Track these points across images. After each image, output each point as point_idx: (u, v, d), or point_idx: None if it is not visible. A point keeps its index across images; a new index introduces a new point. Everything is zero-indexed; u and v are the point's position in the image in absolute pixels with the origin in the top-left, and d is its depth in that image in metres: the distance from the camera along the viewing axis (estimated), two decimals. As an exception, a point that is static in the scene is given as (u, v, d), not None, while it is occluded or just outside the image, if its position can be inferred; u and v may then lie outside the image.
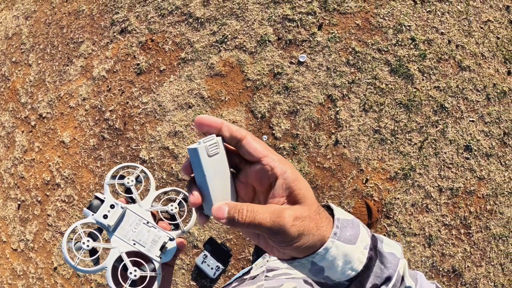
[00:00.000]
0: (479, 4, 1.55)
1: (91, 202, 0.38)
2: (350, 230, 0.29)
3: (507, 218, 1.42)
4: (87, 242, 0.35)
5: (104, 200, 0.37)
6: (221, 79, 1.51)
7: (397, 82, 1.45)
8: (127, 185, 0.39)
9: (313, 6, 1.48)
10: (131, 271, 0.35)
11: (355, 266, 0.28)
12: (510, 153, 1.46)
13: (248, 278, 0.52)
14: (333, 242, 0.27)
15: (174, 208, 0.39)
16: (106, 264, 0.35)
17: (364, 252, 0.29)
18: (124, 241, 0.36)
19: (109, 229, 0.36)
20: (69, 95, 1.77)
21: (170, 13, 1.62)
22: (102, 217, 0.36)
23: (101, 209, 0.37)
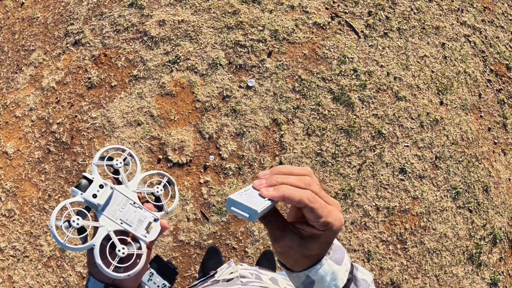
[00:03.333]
0: (417, 40, 1.76)
1: (79, 181, 0.39)
2: (339, 254, 0.36)
3: (440, 234, 1.60)
4: (77, 220, 0.36)
5: (93, 180, 0.38)
6: (172, 99, 1.59)
7: (338, 109, 1.60)
8: (116, 166, 0.40)
9: (264, 34, 1.61)
10: (119, 248, 0.37)
11: (338, 284, 0.35)
12: (441, 175, 1.65)
13: (222, 280, 0.55)
14: (326, 260, 0.34)
15: (159, 190, 0.41)
16: (94, 242, 0.37)
17: (346, 274, 0.36)
18: (112, 220, 0.38)
19: (98, 208, 0.38)
20: (15, 104, 1.77)
21: (126, 29, 1.68)
22: (92, 196, 0.38)
23: (90, 188, 0.38)
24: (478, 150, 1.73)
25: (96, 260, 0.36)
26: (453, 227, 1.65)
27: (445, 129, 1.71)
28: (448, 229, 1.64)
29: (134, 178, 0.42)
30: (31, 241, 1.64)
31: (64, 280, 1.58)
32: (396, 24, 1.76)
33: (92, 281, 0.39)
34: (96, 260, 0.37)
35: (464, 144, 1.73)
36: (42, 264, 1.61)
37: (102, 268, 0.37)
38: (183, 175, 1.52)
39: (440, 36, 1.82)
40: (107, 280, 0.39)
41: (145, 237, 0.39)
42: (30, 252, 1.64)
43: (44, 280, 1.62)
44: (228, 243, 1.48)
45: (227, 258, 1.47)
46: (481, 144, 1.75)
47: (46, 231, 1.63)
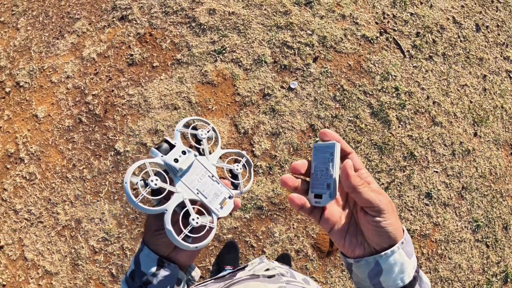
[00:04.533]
0: (460, 68, 1.77)
1: (160, 144, 0.38)
2: (410, 247, 0.36)
3: (455, 264, 1.60)
4: (155, 181, 0.35)
5: (174, 145, 0.38)
6: (212, 88, 1.59)
7: (375, 125, 1.60)
8: (200, 136, 0.40)
9: (312, 39, 1.62)
10: (193, 217, 0.36)
11: (404, 278, 0.34)
12: (465, 206, 1.65)
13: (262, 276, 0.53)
14: (399, 248, 0.34)
15: (239, 169, 0.41)
16: (168, 206, 0.35)
17: (413, 271, 0.35)
18: (189, 188, 0.37)
19: (177, 173, 0.37)
20: (53, 69, 1.77)
21: (175, 12, 1.69)
22: (173, 160, 0.37)
23: (172, 152, 0.37)
24: (504, 187, 1.73)
25: (166, 226, 0.35)
26: (469, 259, 1.64)
27: (475, 161, 1.71)
28: (463, 260, 1.63)
29: (215, 152, 0.41)
30: (48, 208, 1.65)
31: (76, 252, 1.58)
32: (442, 49, 1.76)
33: (146, 252, 0.38)
34: (166, 226, 0.35)
35: (492, 178, 1.72)
36: (55, 232, 1.61)
37: (171, 235, 0.35)
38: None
39: (483, 67, 1.82)
40: (162, 252, 0.38)
41: (218, 212, 0.38)
42: (45, 218, 1.64)
43: (55, 248, 1.62)
44: (247, 240, 1.48)
45: (243, 256, 1.47)
46: (508, 181, 1.75)
47: (65, 199, 1.63)
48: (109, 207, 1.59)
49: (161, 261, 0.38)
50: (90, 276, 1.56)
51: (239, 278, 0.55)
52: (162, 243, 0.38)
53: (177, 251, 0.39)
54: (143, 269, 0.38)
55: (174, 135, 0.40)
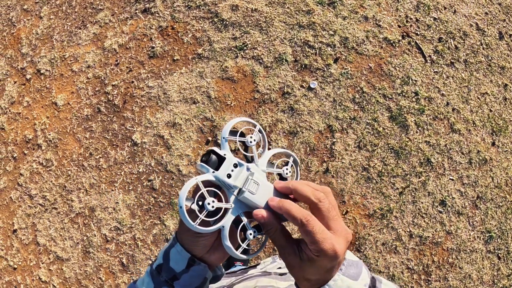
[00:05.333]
0: (481, 76, 1.75)
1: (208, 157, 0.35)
2: (353, 269, 0.35)
3: (465, 274, 1.58)
4: (212, 203, 0.33)
5: (225, 157, 0.35)
6: (232, 84, 1.60)
7: (393, 129, 1.60)
8: (249, 144, 0.37)
9: (334, 40, 1.62)
10: (251, 232, 0.35)
11: None
12: (479, 216, 1.63)
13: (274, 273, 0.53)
14: (339, 276, 0.34)
15: (288, 172, 0.38)
16: (225, 223, 0.34)
17: None
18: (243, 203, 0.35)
19: (233, 190, 0.35)
20: (74, 58, 1.80)
21: (198, 7, 1.70)
22: (226, 176, 0.34)
23: (224, 167, 0.34)
24: (520, 199, 1.71)
25: (225, 242, 0.35)
26: (479, 270, 1.63)
27: (491, 171, 1.69)
28: (474, 271, 1.62)
29: (263, 156, 0.38)
30: (63, 194, 1.67)
31: (88, 239, 1.60)
32: (464, 55, 1.75)
33: (179, 249, 0.38)
34: (225, 242, 0.35)
35: (507, 189, 1.70)
36: (69, 219, 1.64)
37: (230, 250, 0.35)
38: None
39: (504, 76, 1.80)
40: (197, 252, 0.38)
41: None
42: (60, 205, 1.66)
43: (67, 234, 1.64)
44: (259, 238, 1.48)
45: (255, 252, 1.48)
46: (524, 193, 1.73)
47: (80, 187, 1.66)
48: (123, 197, 1.61)
49: (192, 260, 0.37)
50: (101, 264, 1.58)
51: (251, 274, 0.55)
52: (200, 245, 0.37)
53: (210, 253, 0.38)
54: (171, 265, 0.38)
55: (221, 144, 0.37)
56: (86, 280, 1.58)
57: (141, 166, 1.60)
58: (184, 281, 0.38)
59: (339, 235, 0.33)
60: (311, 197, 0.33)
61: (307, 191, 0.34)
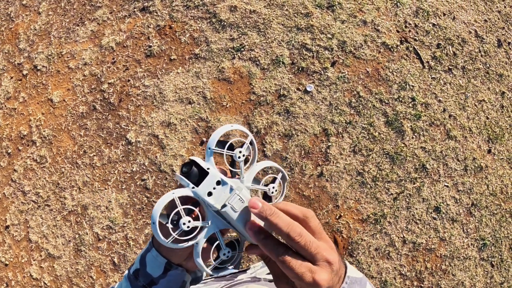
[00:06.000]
0: (479, 83, 1.75)
1: (190, 169, 0.32)
2: (357, 287, 0.34)
3: (458, 281, 1.58)
4: (188, 223, 0.31)
5: (208, 171, 0.32)
6: (228, 85, 1.60)
7: (389, 134, 1.60)
8: (237, 159, 0.34)
9: (332, 43, 1.61)
10: (224, 252, 0.34)
11: None
12: (473, 223, 1.63)
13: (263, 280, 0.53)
14: None
15: (274, 191, 0.36)
16: (199, 241, 0.33)
17: None
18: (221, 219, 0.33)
19: (212, 209, 0.33)
20: (71, 55, 1.79)
21: (196, 7, 1.70)
22: (206, 194, 0.32)
23: (206, 183, 0.31)
24: (515, 207, 1.71)
25: (197, 259, 0.33)
26: (472, 277, 1.62)
27: (487, 178, 1.69)
28: (467, 278, 1.62)
29: (250, 171, 0.35)
30: (56, 192, 1.66)
31: (80, 237, 1.60)
32: (462, 62, 1.75)
33: (154, 254, 0.37)
34: (196, 259, 0.33)
35: (502, 197, 1.70)
36: (61, 217, 1.63)
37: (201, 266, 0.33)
38: (222, 163, 1.53)
39: (502, 84, 1.80)
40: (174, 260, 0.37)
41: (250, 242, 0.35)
42: (53, 202, 1.66)
43: (59, 232, 1.64)
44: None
45: (245, 256, 1.48)
46: (519, 201, 1.73)
47: (73, 185, 1.65)
48: (116, 196, 1.61)
49: (169, 265, 0.37)
50: (92, 263, 1.57)
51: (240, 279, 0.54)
52: (177, 255, 0.37)
53: (188, 260, 0.38)
54: (148, 271, 0.37)
55: (206, 155, 0.34)
56: (77, 279, 1.58)
57: (135, 165, 1.60)
58: (162, 285, 0.37)
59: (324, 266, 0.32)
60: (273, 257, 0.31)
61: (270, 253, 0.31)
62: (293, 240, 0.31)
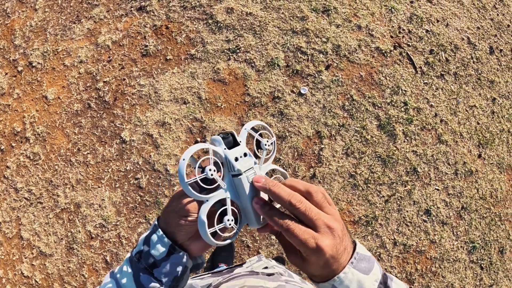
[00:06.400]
0: (470, 89, 1.78)
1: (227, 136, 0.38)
2: (365, 264, 0.36)
3: (447, 283, 1.60)
4: (212, 171, 0.35)
5: (240, 143, 0.38)
6: (223, 86, 1.61)
7: (381, 137, 1.62)
8: (264, 146, 0.40)
9: (327, 47, 1.64)
10: (228, 218, 0.36)
11: None
12: (463, 226, 1.66)
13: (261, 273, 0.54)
14: (349, 269, 0.35)
15: None
16: (210, 198, 0.36)
17: (375, 284, 0.35)
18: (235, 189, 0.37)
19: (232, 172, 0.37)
20: (66, 52, 1.80)
21: (193, 8, 1.71)
22: (234, 158, 0.37)
23: (236, 149, 0.37)
24: (503, 211, 1.74)
25: (201, 216, 0.35)
26: (462, 279, 1.65)
27: (477, 182, 1.72)
28: (456, 280, 1.64)
29: (266, 164, 0.41)
30: (49, 189, 1.66)
31: (72, 235, 1.60)
32: (454, 68, 1.78)
33: (160, 235, 0.37)
34: (201, 215, 0.35)
35: (492, 201, 1.73)
36: (54, 214, 1.63)
37: (203, 226, 0.35)
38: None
39: (493, 90, 1.84)
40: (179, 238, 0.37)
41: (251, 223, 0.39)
42: (45, 200, 1.65)
43: (51, 230, 1.63)
44: (243, 240, 1.49)
45: (238, 255, 1.49)
46: (507, 205, 1.76)
47: (66, 183, 1.65)
48: (109, 194, 1.61)
49: (173, 247, 0.37)
50: (84, 261, 1.57)
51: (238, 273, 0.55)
52: (183, 230, 0.37)
53: (191, 241, 0.39)
54: (152, 252, 0.37)
55: (241, 133, 0.40)
56: (69, 277, 1.58)
57: (129, 164, 1.60)
58: (164, 268, 0.37)
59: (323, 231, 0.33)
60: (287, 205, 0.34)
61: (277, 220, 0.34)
62: (294, 206, 0.34)
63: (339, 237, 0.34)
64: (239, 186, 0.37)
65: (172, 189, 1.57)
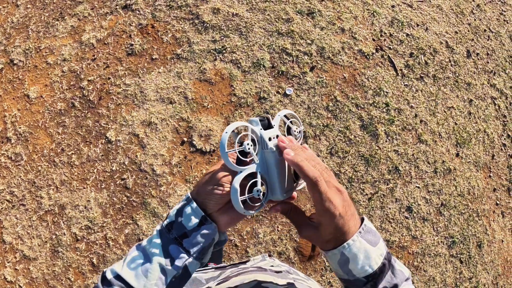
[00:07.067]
0: (448, 91, 1.86)
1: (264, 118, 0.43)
2: (371, 236, 0.39)
3: (429, 276, 1.67)
4: (249, 145, 0.40)
5: (273, 126, 0.43)
6: (209, 86, 1.63)
7: (364, 137, 1.67)
8: (294, 132, 0.46)
9: (311, 49, 1.67)
10: (258, 189, 0.41)
11: (372, 264, 0.37)
12: (442, 222, 1.73)
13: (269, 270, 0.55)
14: (357, 237, 0.38)
15: None
16: (244, 170, 0.41)
17: (380, 258, 0.38)
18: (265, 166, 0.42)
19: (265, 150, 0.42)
20: (49, 50, 1.76)
21: (179, 7, 1.72)
22: (268, 138, 0.42)
23: (270, 130, 0.43)
24: (480, 207, 1.83)
25: (235, 184, 0.39)
26: (443, 273, 1.72)
27: (455, 180, 1.80)
28: (437, 274, 1.71)
29: None
30: (32, 191, 1.63)
31: (57, 238, 1.58)
32: (433, 71, 1.85)
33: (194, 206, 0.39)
34: (234, 184, 0.39)
35: (470, 198, 1.82)
36: (37, 217, 1.60)
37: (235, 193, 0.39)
38: (203, 163, 1.56)
39: (470, 92, 1.92)
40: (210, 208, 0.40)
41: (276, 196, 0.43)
42: (28, 202, 1.62)
43: (35, 233, 1.60)
44: (231, 239, 1.51)
45: (226, 254, 1.50)
46: (484, 202, 1.84)
47: (50, 184, 1.63)
48: (95, 195, 1.59)
49: (205, 218, 0.39)
50: (70, 264, 1.55)
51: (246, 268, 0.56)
52: (214, 199, 0.40)
53: (221, 213, 0.41)
54: (183, 223, 0.39)
55: (275, 119, 0.45)
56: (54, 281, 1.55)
57: (115, 164, 1.59)
58: (193, 238, 0.39)
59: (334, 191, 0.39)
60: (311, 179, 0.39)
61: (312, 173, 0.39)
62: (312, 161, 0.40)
63: (347, 200, 0.38)
64: (270, 162, 0.42)
65: (159, 189, 1.57)
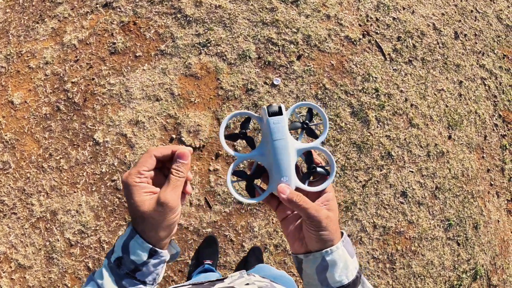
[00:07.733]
0: (437, 74, 1.85)
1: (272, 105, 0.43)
2: (351, 248, 0.40)
3: (427, 260, 1.67)
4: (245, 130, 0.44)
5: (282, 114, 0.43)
6: (195, 81, 1.60)
7: (355, 124, 1.66)
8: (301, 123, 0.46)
9: (297, 37, 1.65)
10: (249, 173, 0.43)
11: (348, 275, 0.39)
12: (438, 205, 1.73)
13: None
14: (341, 245, 0.39)
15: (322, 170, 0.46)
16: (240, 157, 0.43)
17: (355, 271, 0.40)
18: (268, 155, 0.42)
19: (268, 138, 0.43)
20: (31, 54, 1.73)
21: (160, 2, 1.68)
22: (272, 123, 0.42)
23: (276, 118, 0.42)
24: (475, 188, 1.83)
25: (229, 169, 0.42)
26: (440, 256, 1.72)
27: (448, 163, 1.79)
28: (435, 257, 1.71)
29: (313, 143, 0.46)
30: (22, 198, 1.61)
31: (50, 244, 1.55)
32: (421, 54, 1.84)
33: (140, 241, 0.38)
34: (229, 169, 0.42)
35: (464, 180, 1.82)
36: (29, 224, 1.58)
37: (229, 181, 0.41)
38: (193, 159, 1.54)
39: (459, 74, 1.91)
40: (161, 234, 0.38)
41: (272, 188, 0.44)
42: (19, 210, 1.60)
43: (28, 240, 1.58)
44: (226, 235, 1.50)
45: (223, 250, 1.49)
46: (478, 183, 1.84)
47: (40, 190, 1.60)
48: (86, 199, 1.57)
49: (154, 250, 0.38)
50: (66, 270, 1.53)
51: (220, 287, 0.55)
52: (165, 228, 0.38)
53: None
54: (132, 258, 0.38)
55: (290, 110, 0.45)
56: None
57: (104, 166, 1.57)
58: (146, 270, 0.38)
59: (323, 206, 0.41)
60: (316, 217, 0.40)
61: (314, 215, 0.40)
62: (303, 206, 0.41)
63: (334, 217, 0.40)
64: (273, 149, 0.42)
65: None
